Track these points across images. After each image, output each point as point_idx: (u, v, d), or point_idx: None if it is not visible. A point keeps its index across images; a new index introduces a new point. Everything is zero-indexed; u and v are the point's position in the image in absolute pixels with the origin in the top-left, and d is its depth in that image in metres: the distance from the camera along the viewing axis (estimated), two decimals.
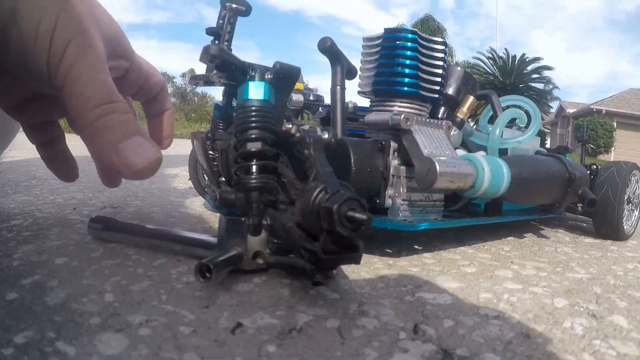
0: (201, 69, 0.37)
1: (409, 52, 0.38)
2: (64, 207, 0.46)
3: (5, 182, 0.64)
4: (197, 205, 0.51)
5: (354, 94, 0.43)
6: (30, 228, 0.37)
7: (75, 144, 0.35)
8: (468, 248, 0.41)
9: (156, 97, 0.38)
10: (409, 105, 0.38)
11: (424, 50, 0.39)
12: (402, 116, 0.35)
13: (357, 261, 0.21)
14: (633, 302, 0.29)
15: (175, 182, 0.68)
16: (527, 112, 0.53)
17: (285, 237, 0.22)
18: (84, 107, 0.25)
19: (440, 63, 0.40)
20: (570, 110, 10.93)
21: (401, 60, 0.38)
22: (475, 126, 0.57)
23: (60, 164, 0.38)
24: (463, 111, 0.45)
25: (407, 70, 0.38)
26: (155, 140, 0.39)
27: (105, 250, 0.32)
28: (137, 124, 0.27)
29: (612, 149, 8.71)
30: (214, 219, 0.43)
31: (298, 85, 0.50)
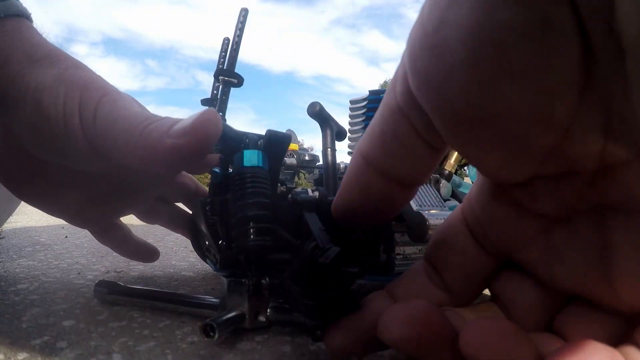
0: None
1: None
2: (69, 272, 0.47)
3: (10, 247, 0.65)
4: (198, 268, 0.52)
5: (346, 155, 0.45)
6: (36, 292, 0.38)
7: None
8: None
9: None
10: None
11: None
12: None
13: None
14: None
15: (175, 247, 0.69)
16: None
17: (284, 294, 0.23)
18: (129, 130, 0.26)
19: None
20: None
21: None
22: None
23: (138, 253, 0.43)
24: (450, 164, 0.47)
25: None
26: None
27: (111, 313, 0.32)
28: None
29: None
30: (215, 281, 0.44)
31: (293, 146, 0.52)
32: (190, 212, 0.43)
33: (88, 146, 0.27)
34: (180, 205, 0.45)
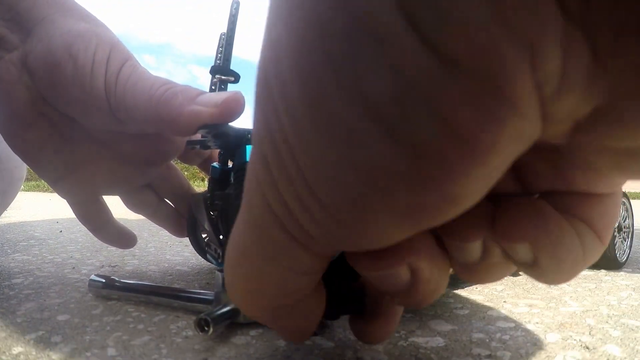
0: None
1: None
2: (63, 266, 0.47)
3: (4, 241, 0.65)
4: (193, 262, 0.52)
5: None
6: (31, 286, 0.38)
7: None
8: (461, 291, 0.42)
9: None
10: None
11: None
12: None
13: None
14: (627, 331, 0.30)
15: (170, 241, 0.69)
16: None
17: None
18: (149, 92, 0.27)
19: None
20: None
21: None
22: None
23: (117, 238, 0.42)
24: None
25: None
26: None
27: (106, 307, 0.32)
28: None
29: None
30: (209, 275, 0.44)
31: None
32: (174, 206, 0.43)
33: (106, 101, 0.28)
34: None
